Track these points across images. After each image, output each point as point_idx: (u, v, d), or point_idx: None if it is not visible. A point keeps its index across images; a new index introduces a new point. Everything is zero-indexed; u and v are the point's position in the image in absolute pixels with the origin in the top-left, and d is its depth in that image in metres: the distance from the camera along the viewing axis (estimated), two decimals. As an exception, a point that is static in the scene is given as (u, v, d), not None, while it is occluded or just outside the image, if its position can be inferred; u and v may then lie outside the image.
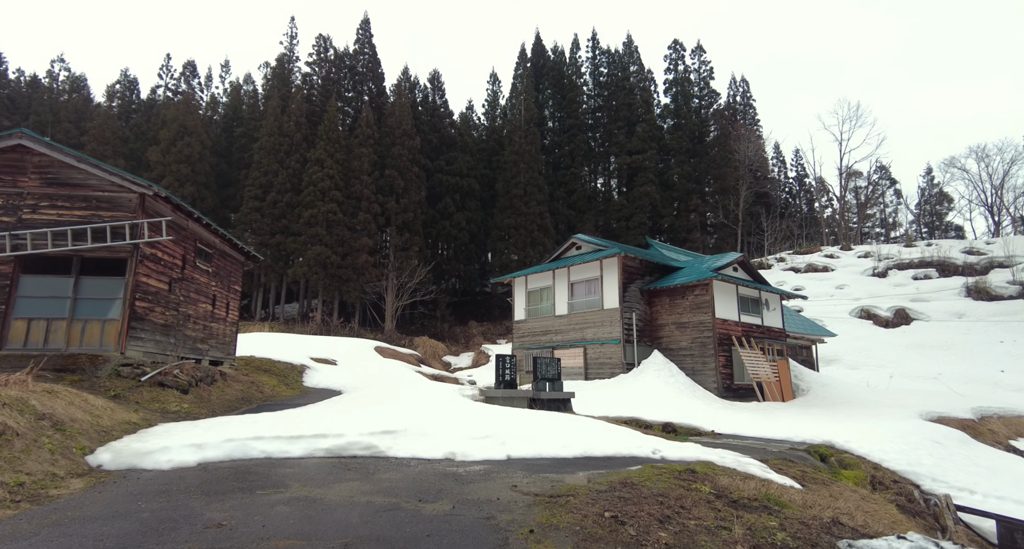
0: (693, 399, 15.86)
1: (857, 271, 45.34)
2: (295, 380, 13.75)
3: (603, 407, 14.61)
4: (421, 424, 7.19)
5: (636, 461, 6.97)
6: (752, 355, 18.55)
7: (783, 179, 78.46)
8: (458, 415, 8.10)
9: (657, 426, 13.51)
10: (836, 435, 10.96)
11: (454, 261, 52.45)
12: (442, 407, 8.64)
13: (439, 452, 6.46)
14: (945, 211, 61.12)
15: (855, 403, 17.75)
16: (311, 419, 7.40)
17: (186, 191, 40.77)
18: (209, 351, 11.64)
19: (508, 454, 6.72)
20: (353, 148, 45.49)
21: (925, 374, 29.95)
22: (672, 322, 19.58)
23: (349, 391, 12.18)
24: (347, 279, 41.29)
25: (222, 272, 12.35)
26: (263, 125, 46.02)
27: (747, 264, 21.00)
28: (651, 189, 54.17)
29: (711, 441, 11.30)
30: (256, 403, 9.88)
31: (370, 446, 6.33)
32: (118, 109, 53.87)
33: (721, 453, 7.87)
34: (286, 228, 42.29)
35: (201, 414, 7.95)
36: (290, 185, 43.48)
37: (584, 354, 20.26)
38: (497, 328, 47.07)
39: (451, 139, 55.37)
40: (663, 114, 65.27)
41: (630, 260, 20.15)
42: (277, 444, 6.05)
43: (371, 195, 43.63)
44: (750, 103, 74.96)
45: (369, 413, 7.85)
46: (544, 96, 64.23)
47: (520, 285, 24.14)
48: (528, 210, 49.20)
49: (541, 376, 11.94)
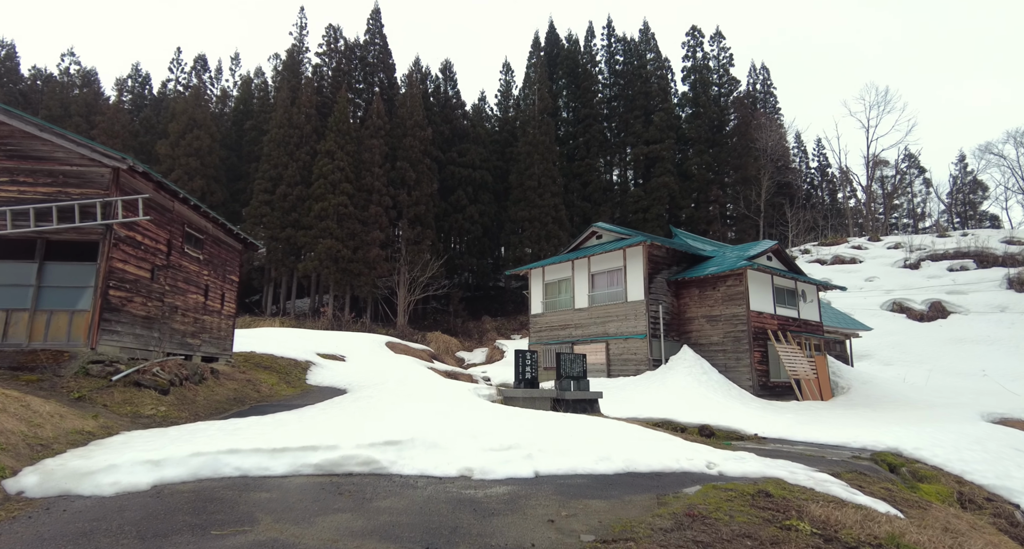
0: (728, 398, 14.59)
1: (887, 263, 43.45)
2: (298, 378, 12.75)
3: (630, 407, 13.43)
4: (431, 432, 6.07)
5: (690, 478, 5.78)
6: (789, 350, 17.20)
7: (804, 169, 76.21)
8: (474, 420, 6.97)
9: (692, 429, 12.28)
10: (901, 441, 9.66)
11: (467, 255, 51.40)
12: (456, 410, 7.51)
13: (453, 468, 5.33)
14: (979, 200, 58.68)
15: (903, 403, 16.34)
16: (304, 425, 6.31)
17: (195, 185, 40.14)
18: (201, 346, 10.66)
19: (536, 470, 5.57)
20: (364, 140, 44.55)
21: (967, 371, 28.24)
22: (702, 315, 18.28)
23: (355, 390, 11.14)
24: (358, 273, 40.42)
25: (216, 260, 11.34)
26: (272, 117, 45.27)
27: (782, 253, 19.60)
28: (669, 179, 52.57)
29: (758, 447, 10.06)
30: (250, 404, 8.87)
31: (369, 461, 5.21)
32: (129, 104, 53.53)
33: (787, 466, 6.64)
34: (296, 221, 41.52)
35: (180, 418, 6.94)
36: (300, 178, 42.68)
37: (606, 350, 19.06)
38: (511, 323, 45.98)
39: (463, 130, 54.22)
40: (681, 103, 63.48)
41: (656, 249, 18.87)
42: (256, 459, 4.96)
43: (382, 188, 42.67)
44: (770, 91, 72.91)
45: (371, 418, 6.74)
46: (558, 86, 62.75)
47: (537, 277, 22.95)
48: (542, 202, 47.91)
49: (565, 374, 10.78)
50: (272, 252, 42.99)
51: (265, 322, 37.64)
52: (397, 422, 6.47)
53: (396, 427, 6.17)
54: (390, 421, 6.51)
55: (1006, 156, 54.02)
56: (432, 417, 6.81)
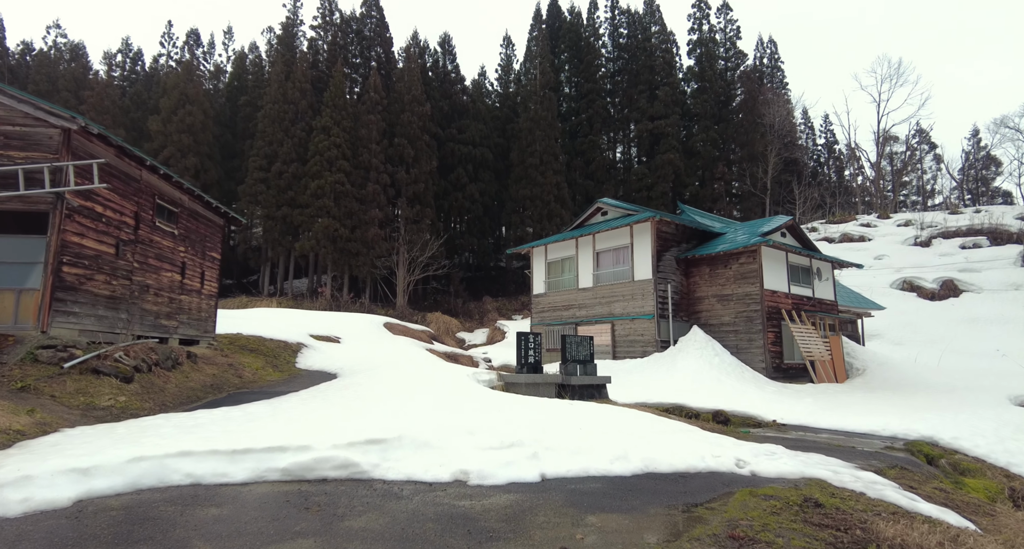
0: (742, 382, 13.87)
1: (897, 240, 42.46)
2: (286, 361, 12.02)
3: (638, 392, 12.71)
4: (423, 427, 5.30)
5: (720, 480, 5.02)
6: (804, 331, 16.43)
7: (811, 146, 74.64)
8: (472, 412, 6.20)
9: (706, 415, 11.57)
10: (937, 430, 8.91)
11: (467, 235, 50.49)
12: (452, 400, 6.74)
13: (445, 472, 4.57)
14: (992, 176, 57.33)
15: (922, 386, 15.62)
16: (278, 419, 5.54)
17: (189, 162, 39.11)
18: (178, 329, 9.88)
19: (542, 472, 4.82)
20: (360, 115, 43.32)
21: (980, 351, 27.50)
22: (713, 294, 17.46)
23: (346, 375, 10.41)
24: (356, 253, 39.60)
25: (193, 236, 10.49)
26: (266, 92, 43.94)
27: (796, 229, 18.69)
28: (674, 156, 51.25)
29: (779, 435, 9.32)
30: (228, 391, 8.14)
31: (347, 464, 4.45)
32: (120, 79, 52.09)
33: (825, 463, 5.89)
34: (293, 200, 40.54)
35: (143, 410, 6.21)
36: (296, 155, 41.57)
37: (612, 331, 18.30)
38: (512, 304, 45.28)
39: (463, 106, 52.79)
40: (686, 77, 61.69)
41: (665, 225, 17.97)
42: (212, 463, 4.20)
43: (380, 165, 41.56)
44: (778, 65, 70.98)
45: (356, 410, 5.97)
46: (560, 60, 60.97)
47: (539, 255, 22.10)
48: (544, 180, 46.77)
49: (571, 358, 10.01)
50: (268, 231, 42.12)
51: (262, 303, 37.01)
52: (385, 415, 5.70)
53: (383, 421, 5.40)
54: (377, 414, 5.74)
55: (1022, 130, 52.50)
56: (424, 408, 6.05)
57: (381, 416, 5.61)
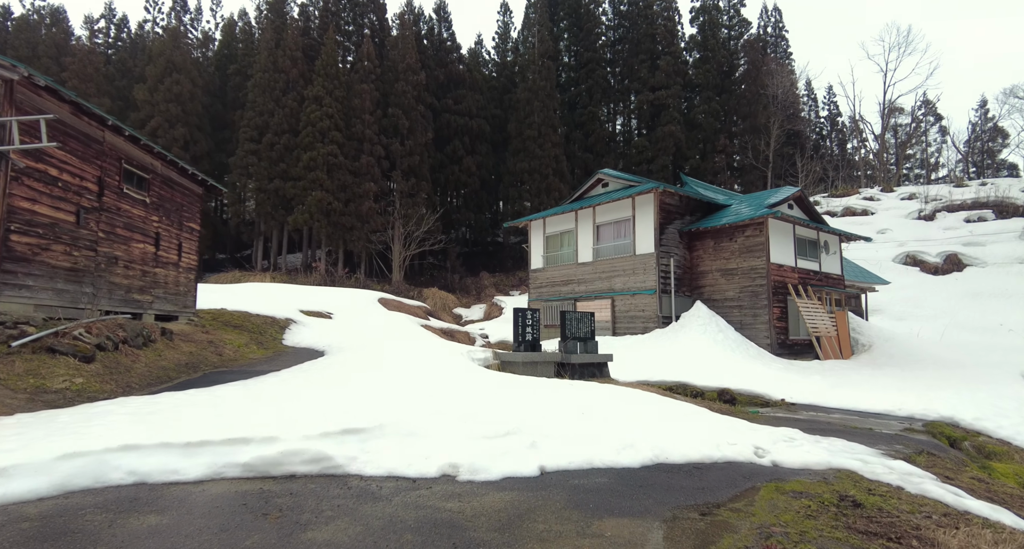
0: (747, 358, 13.40)
1: (901, 214, 41.80)
2: (273, 338, 11.47)
3: (640, 369, 12.24)
4: (409, 413, 4.75)
5: (738, 472, 4.51)
6: (811, 306, 15.92)
7: (814, 119, 73.19)
8: (464, 394, 5.66)
9: (711, 393, 11.11)
10: (957, 410, 8.45)
11: (464, 209, 49.62)
12: (443, 381, 6.20)
13: (432, 465, 4.03)
14: (999, 148, 56.36)
15: (931, 362, 15.20)
16: (247, 403, 4.99)
17: (177, 133, 37.95)
18: (153, 304, 9.27)
19: (541, 465, 4.29)
20: (353, 85, 42.00)
21: (984, 325, 27.14)
22: (716, 269, 16.89)
23: (334, 352, 9.87)
24: (351, 227, 38.84)
25: (168, 205, 9.78)
26: (256, 60, 42.48)
27: (803, 200, 18.02)
28: (675, 129, 50.10)
29: (789, 415, 8.87)
30: (203, 371, 7.60)
31: (320, 458, 3.90)
32: (103, 46, 50.33)
33: (849, 449, 5.39)
34: (285, 172, 39.56)
35: (102, 392, 5.67)
36: (287, 125, 40.41)
37: (612, 306, 17.78)
38: (510, 279, 44.79)
39: (459, 76, 51.26)
40: (688, 46, 59.96)
41: (668, 197, 17.28)
42: (162, 457, 3.64)
43: (374, 136, 40.46)
44: (782, 35, 69.14)
45: (337, 392, 5.41)
46: (559, 28, 59.11)
47: (537, 229, 21.44)
48: (543, 153, 45.73)
49: (571, 335, 9.47)
50: (261, 205, 41.24)
51: (255, 277, 36.39)
52: (367, 398, 5.14)
53: (364, 406, 4.85)
54: (359, 397, 5.18)
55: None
56: (412, 391, 5.49)
57: (363, 400, 5.05)
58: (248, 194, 42.31)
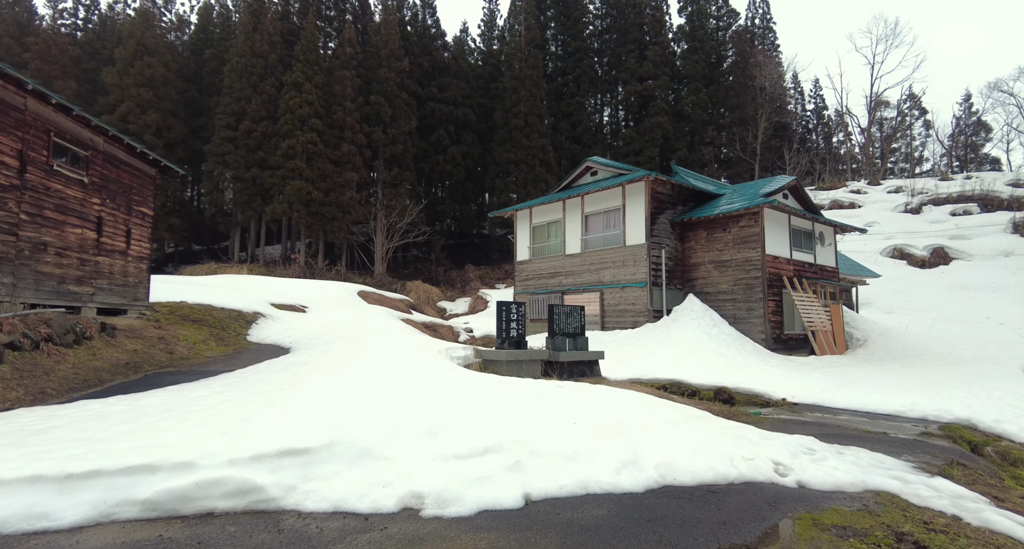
0: (743, 354, 12.79)
1: (887, 207, 41.71)
2: (236, 333, 10.59)
3: (632, 366, 11.56)
4: (368, 425, 3.95)
5: (761, 496, 3.79)
6: (806, 299, 15.36)
7: (800, 112, 73.13)
8: (438, 400, 4.87)
9: (707, 392, 10.46)
10: (974, 410, 7.88)
11: (449, 201, 48.57)
12: (415, 384, 5.40)
13: (391, 497, 3.26)
14: (981, 142, 56.64)
15: (929, 357, 14.74)
16: (174, 415, 4.14)
17: (149, 119, 36.41)
18: (95, 296, 8.31)
19: (527, 493, 3.54)
20: (334, 71, 40.69)
21: (971, 319, 27.03)
22: (709, 261, 16.25)
23: (302, 348, 9.04)
24: (332, 218, 37.69)
25: (113, 186, 8.79)
26: (233, 44, 40.93)
27: (799, 190, 17.43)
28: (663, 120, 49.50)
29: (795, 417, 8.23)
30: (145, 372, 6.73)
31: (247, 489, 3.11)
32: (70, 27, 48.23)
33: (878, 463, 4.71)
34: (263, 161, 38.22)
35: (4, 401, 4.80)
36: (265, 112, 39.03)
37: (601, 300, 17.08)
38: (496, 272, 43.99)
39: (444, 64, 50.08)
40: (676, 37, 59.29)
41: (660, 185, 16.57)
42: (30, 495, 2.82)
43: (355, 124, 39.23)
44: (770, 26, 68.84)
45: (284, 401, 4.59)
46: (546, 17, 58.05)
47: (523, 219, 20.65)
48: (529, 143, 44.81)
49: (560, 330, 8.72)
50: (238, 194, 39.87)
51: (232, 269, 35.18)
52: (323, 406, 4.33)
53: (316, 417, 4.04)
54: (312, 405, 4.37)
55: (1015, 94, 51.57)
56: (377, 397, 4.69)
57: (316, 409, 4.25)
58: (225, 183, 40.88)
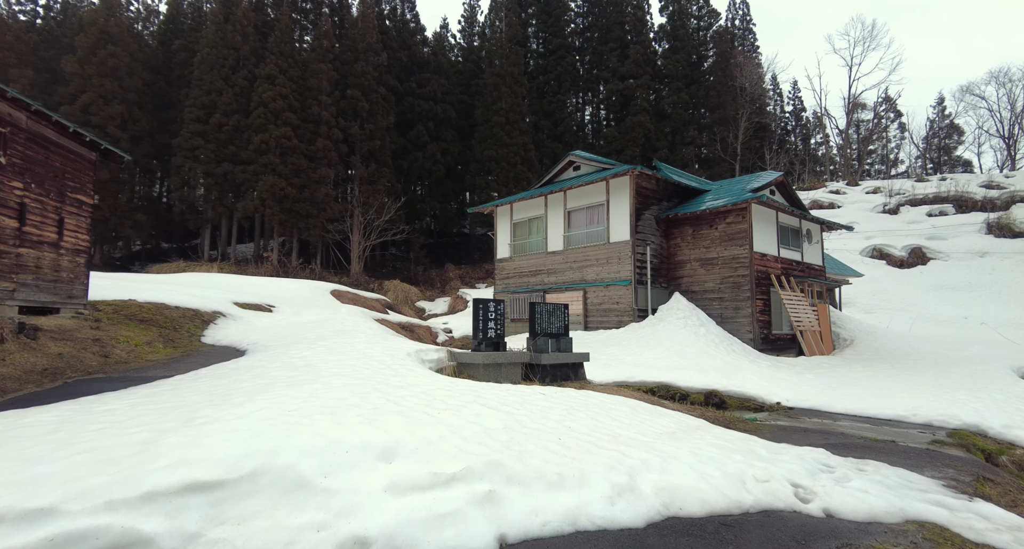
0: (732, 355, 12.26)
1: (866, 208, 42.01)
2: (190, 334, 9.69)
3: (617, 368, 10.93)
4: (306, 449, 3.19)
5: (785, 530, 3.14)
6: (794, 298, 14.93)
7: (779, 113, 73.78)
8: (399, 412, 4.13)
9: (697, 395, 9.87)
10: (981, 415, 7.42)
11: (429, 198, 47.65)
12: (375, 393, 4.65)
13: (327, 544, 2.54)
14: (954, 145, 57.63)
15: (919, 357, 14.42)
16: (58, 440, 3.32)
17: (113, 110, 34.81)
18: (15, 293, 7.30)
19: (501, 533, 2.84)
20: (310, 64, 39.52)
21: (950, 318, 27.13)
22: (696, 258, 15.73)
23: (259, 350, 8.21)
24: (306, 215, 36.53)
25: (42, 170, 7.82)
26: (203, 35, 39.48)
27: (786, 186, 17.05)
28: (645, 119, 49.29)
29: (793, 424, 7.66)
30: (68, 378, 5.85)
31: (128, 543, 2.33)
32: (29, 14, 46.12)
33: (909, 482, 4.10)
34: (234, 155, 36.87)
35: None
36: (237, 106, 37.69)
37: (584, 298, 16.46)
38: (477, 271, 43.26)
39: (423, 59, 49.16)
40: (658, 36, 59.23)
41: (645, 180, 16.01)
42: None
43: (331, 119, 38.13)
44: (750, 28, 69.22)
45: (213, 415, 3.79)
46: (527, 14, 57.45)
47: (504, 215, 19.95)
48: (511, 141, 44.14)
49: (542, 330, 8.03)
50: (208, 190, 38.48)
51: (201, 268, 33.84)
52: (253, 424, 3.54)
53: (241, 438, 3.25)
54: (241, 422, 3.58)
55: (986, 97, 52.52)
56: (326, 409, 3.93)
57: (246, 426, 3.47)
58: (195, 179, 39.41)
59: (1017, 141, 50.88)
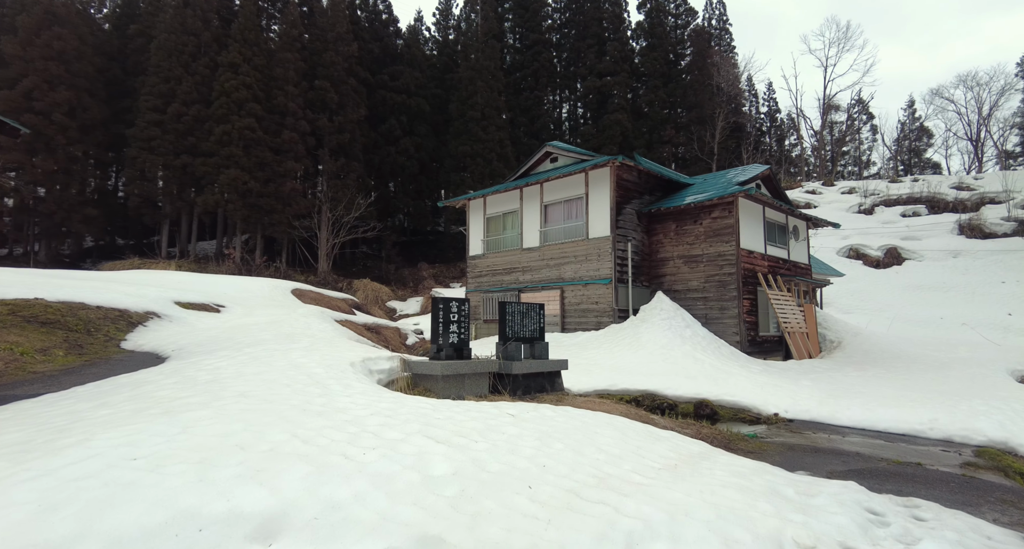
0: (720, 359, 11.36)
1: (842, 208, 42.08)
2: (108, 338, 8.36)
3: (597, 374, 9.93)
4: (128, 530, 2.01)
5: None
6: (782, 297, 14.16)
7: (755, 114, 74.19)
8: (305, 456, 2.96)
9: (685, 405, 8.91)
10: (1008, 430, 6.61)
11: (402, 195, 46.21)
12: (281, 423, 3.49)
13: None
14: (924, 147, 58.54)
15: (910, 360, 13.79)
16: None
17: (60, 96, 32.56)
18: None
19: None
20: (276, 53, 37.74)
21: (926, 319, 26.96)
22: (679, 255, 14.85)
23: (185, 356, 6.97)
24: (271, 210, 34.80)
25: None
26: (161, 19, 37.38)
27: (772, 181, 16.31)
28: (622, 117, 48.69)
29: (799, 441, 6.73)
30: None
31: None
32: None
33: (984, 542, 3.14)
34: (194, 147, 34.93)
35: None
36: (198, 95, 35.73)
37: (561, 298, 15.44)
38: (451, 270, 42.07)
39: (396, 51, 47.69)
40: (635, 34, 58.77)
41: (626, 171, 15.06)
42: None
43: (298, 110, 36.45)
44: (726, 28, 69.39)
45: (41, 467, 2.55)
46: (504, 9, 56.39)
47: (477, 210, 18.82)
48: (487, 136, 43.04)
49: (515, 334, 6.94)
50: (166, 183, 36.41)
51: (159, 265, 31.83)
52: (57, 485, 2.36)
53: (15, 519, 2.06)
54: (39, 483, 2.39)
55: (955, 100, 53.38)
56: (185, 457, 2.73)
57: (39, 495, 2.28)
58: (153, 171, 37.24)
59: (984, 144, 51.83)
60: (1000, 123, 50.80)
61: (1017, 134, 52.82)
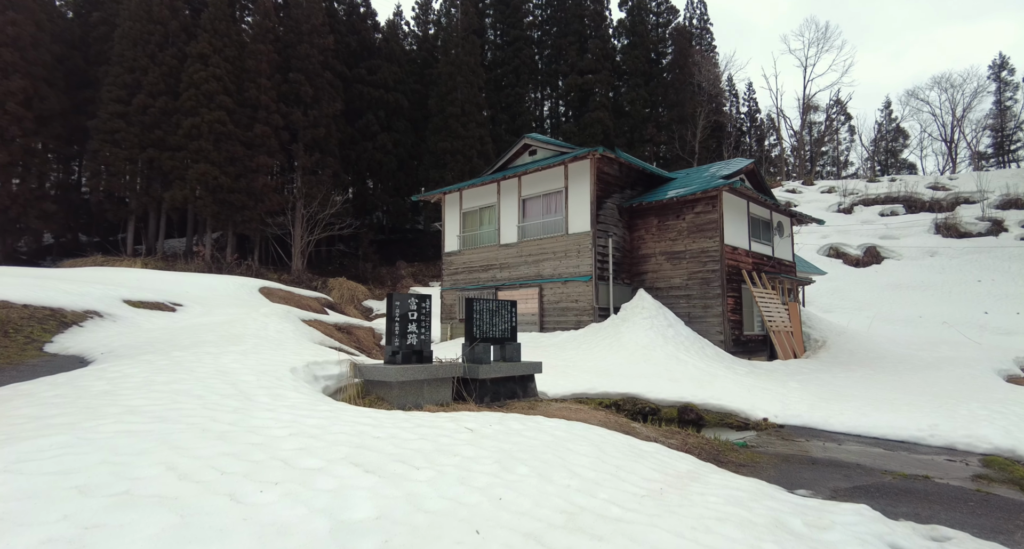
0: (705, 359, 10.82)
1: (822, 207, 42.25)
2: (29, 339, 7.49)
3: (575, 376, 9.31)
4: None
5: None
6: (767, 295, 13.70)
7: (735, 114, 74.54)
8: (166, 504, 2.21)
9: (669, 410, 8.33)
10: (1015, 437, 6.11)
11: (380, 192, 45.17)
12: (161, 450, 2.72)
13: None
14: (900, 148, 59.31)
15: (897, 360, 13.45)
16: None
17: (14, 85, 30.93)
18: None
19: None
20: (248, 44, 36.47)
21: (905, 317, 26.95)
22: (661, 251, 14.31)
23: (112, 360, 6.17)
24: (242, 206, 33.60)
25: None
26: (124, 7, 35.86)
27: (756, 175, 15.87)
28: (603, 115, 48.30)
29: (790, 450, 6.17)
30: None
31: None
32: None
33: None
34: (161, 141, 33.53)
35: None
36: (165, 86, 34.32)
37: (539, 296, 14.81)
38: (431, 269, 41.22)
39: (374, 45, 46.62)
40: (617, 31, 58.50)
41: (607, 164, 14.47)
42: None
43: (271, 103, 35.28)
44: (707, 27, 69.55)
45: None
46: (484, 3, 55.61)
47: (453, 204, 18.10)
48: (467, 133, 42.24)
49: (483, 334, 6.27)
50: (132, 178, 34.94)
51: (123, 263, 30.44)
52: None
53: None
54: None
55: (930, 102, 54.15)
56: (25, 514, 1.99)
57: None
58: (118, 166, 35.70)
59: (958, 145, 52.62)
60: (973, 125, 51.63)
61: (989, 136, 53.83)
